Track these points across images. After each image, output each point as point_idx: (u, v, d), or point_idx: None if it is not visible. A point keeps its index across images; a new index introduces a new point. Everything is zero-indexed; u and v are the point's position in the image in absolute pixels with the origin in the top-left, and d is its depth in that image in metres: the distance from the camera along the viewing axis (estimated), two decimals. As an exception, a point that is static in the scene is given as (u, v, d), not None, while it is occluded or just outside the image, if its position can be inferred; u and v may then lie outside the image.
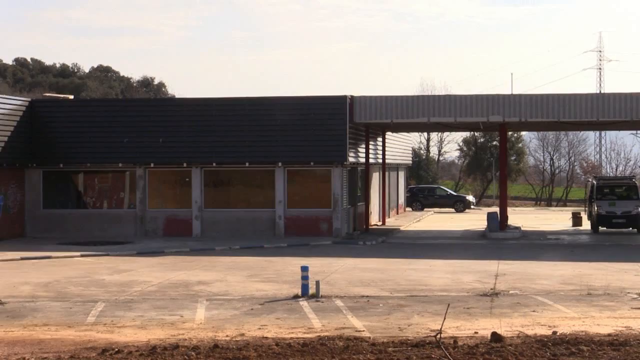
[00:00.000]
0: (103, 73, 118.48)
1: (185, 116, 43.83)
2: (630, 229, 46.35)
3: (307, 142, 42.74)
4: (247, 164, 43.45)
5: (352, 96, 42.98)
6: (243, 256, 35.17)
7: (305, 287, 24.05)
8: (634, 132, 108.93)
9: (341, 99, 42.73)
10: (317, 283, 24.16)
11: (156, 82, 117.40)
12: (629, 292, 24.70)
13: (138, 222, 43.98)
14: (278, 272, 29.81)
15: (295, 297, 23.84)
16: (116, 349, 16.79)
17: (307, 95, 44.81)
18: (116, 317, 20.98)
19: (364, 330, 19.00)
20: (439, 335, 16.74)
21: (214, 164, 43.75)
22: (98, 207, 45.10)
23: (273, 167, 43.40)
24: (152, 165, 43.99)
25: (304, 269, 24.23)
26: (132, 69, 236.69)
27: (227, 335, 18.49)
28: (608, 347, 16.54)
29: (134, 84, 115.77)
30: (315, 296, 23.71)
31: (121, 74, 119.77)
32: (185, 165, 43.78)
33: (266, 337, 18.16)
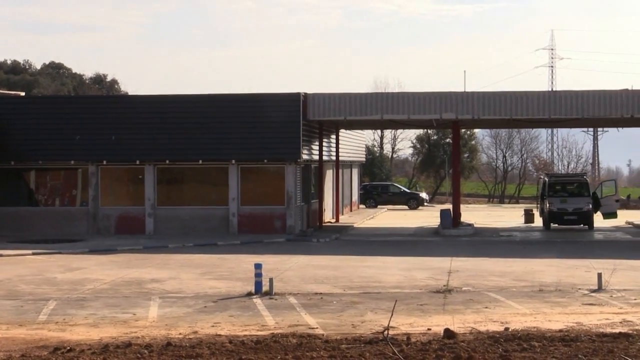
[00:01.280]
0: (55, 70, 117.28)
1: (138, 113, 43.57)
2: (582, 225, 46.72)
3: (261, 139, 42.63)
4: (200, 162, 43.28)
5: (305, 94, 42.98)
6: (196, 254, 35.05)
7: (258, 285, 24.02)
8: (586, 129, 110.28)
9: (295, 97, 42.72)
10: (271, 280, 24.14)
11: (109, 79, 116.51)
12: (580, 289, 24.94)
13: (90, 220, 43.63)
14: (231, 270, 29.74)
15: (249, 294, 23.81)
16: (68, 348, 16.65)
17: (261, 93, 44.71)
18: (68, 316, 20.82)
19: (317, 328, 19.02)
20: (386, 331, 16.79)
21: (167, 162, 43.52)
22: (50, 204, 44.70)
23: (227, 164, 43.27)
24: (104, 162, 43.67)
25: (258, 266, 24.20)
26: (84, 66, 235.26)
27: (180, 333, 18.42)
28: (559, 343, 16.68)
29: (87, 81, 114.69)
30: (269, 293, 23.70)
31: (73, 71, 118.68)
32: (138, 162, 43.50)
33: (219, 335, 18.12)
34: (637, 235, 44.09)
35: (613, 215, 48.22)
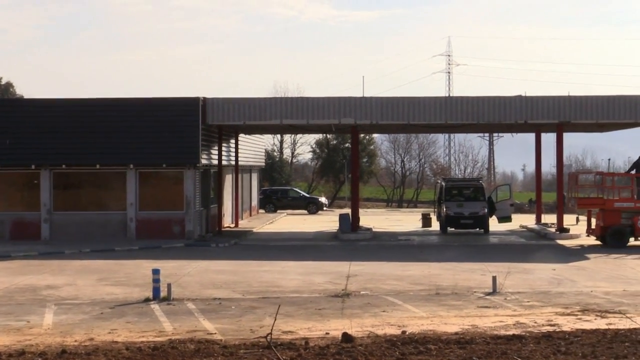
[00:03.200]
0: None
1: (33, 117, 42.83)
2: (478, 229, 47.48)
3: (160, 144, 42.32)
4: (97, 166, 42.78)
5: (204, 98, 42.82)
6: (93, 259, 34.59)
7: (156, 290, 23.85)
8: (482, 134, 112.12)
9: (194, 101, 42.52)
10: (169, 286, 23.99)
11: (4, 82, 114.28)
12: (475, 292, 25.34)
13: (-16, 226, 42.70)
14: (129, 276, 29.45)
15: (147, 300, 23.62)
16: (-41, 357, 16.30)
17: (159, 97, 44.32)
18: (-40, 324, 20.35)
19: (215, 333, 18.96)
20: (269, 336, 16.82)
21: (64, 166, 42.90)
22: (-59, 210, 43.59)
23: (124, 169, 42.84)
24: (-2, 167, 42.85)
25: (155, 271, 24.04)
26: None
27: (75, 340, 18.17)
28: (455, 346, 16.94)
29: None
30: (167, 299, 23.55)
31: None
32: (33, 167, 42.77)
33: (116, 342, 17.93)
34: (530, 238, 44.96)
35: (508, 219, 49.11)
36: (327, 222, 56.34)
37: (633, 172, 43.06)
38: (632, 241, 40.12)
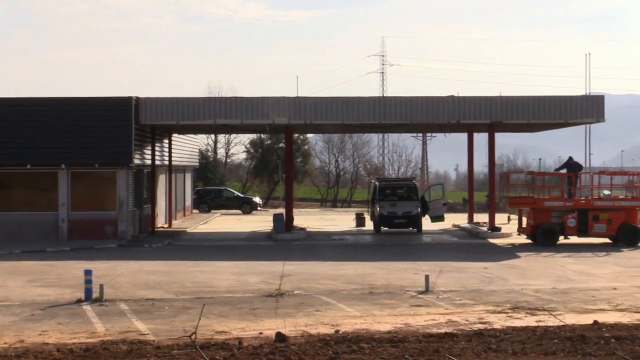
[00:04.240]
0: None
1: (-38, 116, 42.19)
2: (411, 228, 47.74)
3: (92, 143, 41.92)
4: (28, 166, 42.27)
5: (137, 98, 42.54)
6: (24, 261, 34.17)
7: (88, 291, 23.65)
8: (415, 134, 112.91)
9: (126, 100, 42.21)
10: (101, 287, 23.80)
11: None
12: (408, 290, 25.52)
13: None
14: (60, 277, 29.16)
15: (79, 301, 23.42)
16: None
17: (91, 97, 43.97)
18: None
19: (148, 334, 18.87)
20: (193, 335, 16.78)
21: (-6, 166, 42.35)
22: None
23: (56, 169, 42.37)
24: None
25: (87, 272, 23.84)
26: None
27: (5, 343, 17.95)
28: (388, 344, 17.05)
29: None
30: (99, 300, 23.37)
31: None
32: (-38, 167, 42.17)
33: (47, 343, 17.76)
34: (463, 237, 45.37)
35: (440, 218, 49.48)
36: (261, 222, 56.31)
37: (563, 171, 43.74)
38: (561, 239, 40.71)
